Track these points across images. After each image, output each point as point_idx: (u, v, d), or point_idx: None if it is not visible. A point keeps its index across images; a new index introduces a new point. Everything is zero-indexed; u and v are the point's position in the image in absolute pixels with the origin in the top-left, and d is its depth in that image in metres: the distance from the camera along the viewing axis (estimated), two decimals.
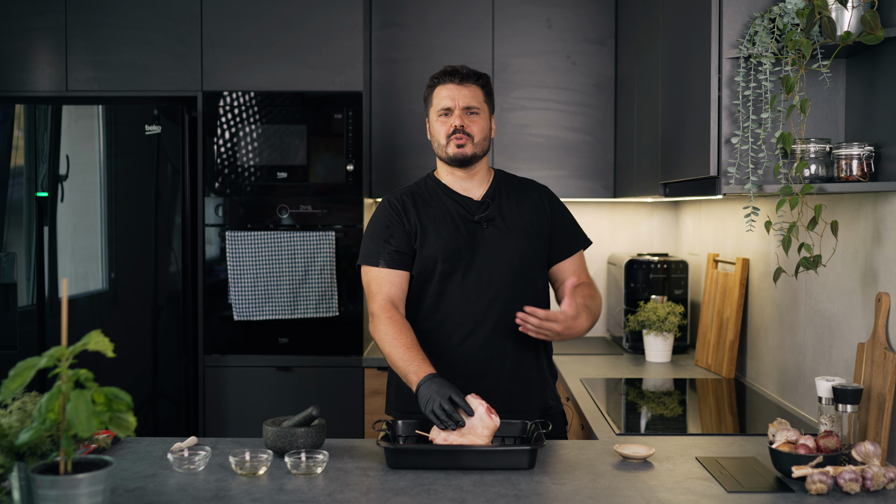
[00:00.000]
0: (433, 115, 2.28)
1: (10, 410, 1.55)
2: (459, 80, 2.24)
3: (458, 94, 2.23)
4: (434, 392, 1.94)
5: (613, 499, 1.71)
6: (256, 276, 3.45)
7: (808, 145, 2.07)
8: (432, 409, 1.93)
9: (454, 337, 2.22)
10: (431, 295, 2.24)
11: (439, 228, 2.24)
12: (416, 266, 2.25)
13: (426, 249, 2.23)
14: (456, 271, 2.22)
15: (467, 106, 2.23)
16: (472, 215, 2.26)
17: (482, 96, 2.27)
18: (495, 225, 2.26)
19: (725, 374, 3.06)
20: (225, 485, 1.79)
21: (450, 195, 2.29)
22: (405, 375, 2.06)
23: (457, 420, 1.91)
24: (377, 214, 2.30)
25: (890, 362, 1.93)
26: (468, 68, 2.27)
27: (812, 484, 1.72)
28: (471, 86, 2.25)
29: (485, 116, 2.27)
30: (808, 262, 2.05)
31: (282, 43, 3.52)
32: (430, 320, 2.24)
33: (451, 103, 2.23)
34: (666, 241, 4.14)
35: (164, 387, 3.44)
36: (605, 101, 3.83)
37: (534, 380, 2.26)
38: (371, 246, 2.26)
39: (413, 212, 2.26)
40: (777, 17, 2.05)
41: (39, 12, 3.52)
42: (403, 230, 2.24)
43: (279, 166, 3.51)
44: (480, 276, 2.22)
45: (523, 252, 2.26)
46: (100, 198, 3.42)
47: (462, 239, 2.23)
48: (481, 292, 2.22)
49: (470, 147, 2.23)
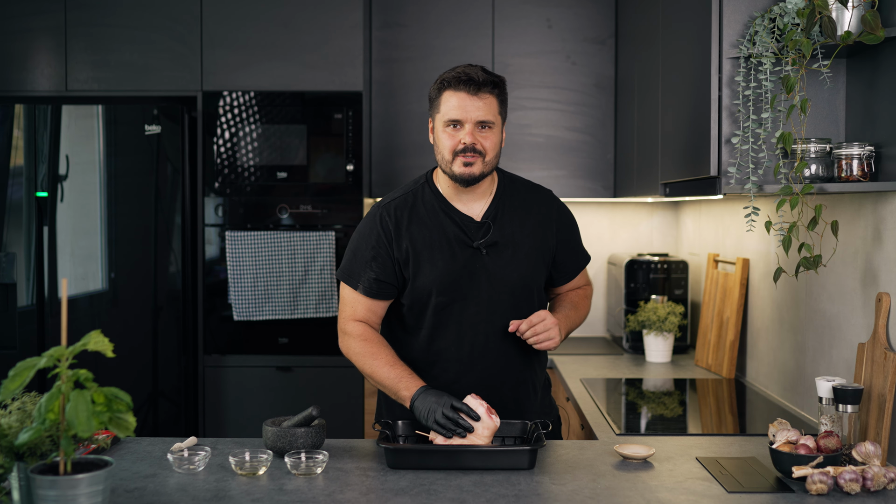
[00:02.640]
0: (439, 122, 2.03)
1: (10, 410, 1.55)
2: (475, 89, 1.98)
3: (470, 105, 1.98)
4: (433, 402, 1.90)
5: (613, 499, 1.71)
6: (256, 276, 3.45)
7: (809, 145, 2.07)
8: (435, 419, 1.89)
9: (450, 373, 2.09)
10: (426, 327, 2.08)
11: (434, 256, 2.05)
12: (409, 296, 2.08)
13: (420, 280, 2.05)
14: (453, 303, 2.06)
15: (481, 120, 1.99)
16: (472, 240, 2.06)
17: (497, 107, 2.02)
18: (496, 250, 2.07)
19: (725, 375, 3.06)
20: (225, 485, 1.79)
21: (448, 213, 2.08)
22: (395, 393, 2.00)
23: (465, 426, 1.88)
24: (366, 227, 2.10)
25: (890, 362, 1.93)
26: (484, 73, 2.00)
27: (812, 484, 1.72)
28: (486, 96, 1.99)
29: (497, 130, 2.03)
30: (809, 262, 2.05)
31: (282, 43, 3.52)
32: (424, 353, 2.10)
33: (462, 116, 1.99)
34: (666, 241, 4.14)
35: (163, 387, 3.44)
36: (605, 101, 3.83)
37: (529, 408, 2.17)
38: (353, 264, 2.09)
39: (406, 234, 2.06)
40: (777, 16, 2.04)
41: (39, 12, 3.52)
42: (390, 258, 2.06)
43: (279, 166, 3.50)
44: (479, 308, 2.06)
45: (524, 278, 2.09)
46: (100, 198, 3.42)
47: (459, 269, 2.05)
48: (479, 326, 2.07)
49: (479, 166, 2.00)
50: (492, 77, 2.02)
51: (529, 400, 2.17)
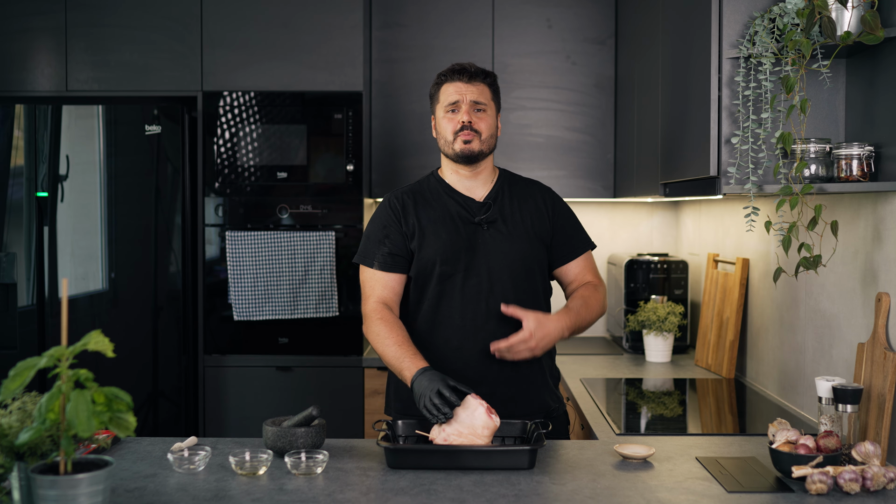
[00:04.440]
0: (440, 111, 2.26)
1: (10, 410, 1.55)
2: (468, 78, 2.24)
3: (465, 90, 2.23)
4: (425, 387, 1.96)
5: (613, 499, 1.71)
6: (256, 276, 3.45)
7: (808, 145, 2.07)
8: (424, 404, 1.95)
9: (452, 341, 2.21)
10: (430, 297, 2.23)
11: (438, 229, 2.23)
12: (415, 267, 2.24)
13: (424, 251, 2.22)
14: (455, 273, 2.21)
15: (475, 101, 2.23)
16: (473, 217, 2.25)
17: (489, 94, 2.27)
18: (496, 227, 2.24)
19: (725, 374, 3.06)
20: (225, 485, 1.79)
21: (451, 195, 2.28)
22: (399, 372, 2.09)
23: (444, 413, 1.92)
24: (377, 214, 2.30)
25: (890, 362, 1.93)
26: (476, 66, 2.27)
27: (812, 484, 1.72)
28: (479, 84, 2.24)
29: (492, 114, 2.27)
30: (808, 262, 2.05)
31: (282, 43, 3.52)
32: (429, 323, 2.24)
33: (459, 97, 2.22)
34: (666, 241, 4.14)
35: (164, 387, 3.44)
36: (605, 101, 3.83)
37: (533, 383, 2.25)
38: (367, 246, 2.27)
39: (412, 212, 2.26)
40: (777, 17, 2.04)
41: (39, 12, 3.52)
42: (400, 232, 2.24)
43: (279, 166, 3.51)
44: (480, 280, 2.21)
45: (524, 255, 2.25)
46: (100, 198, 3.42)
47: (462, 241, 2.22)
48: (480, 296, 2.21)
49: (477, 143, 2.22)
50: (483, 70, 2.28)
51: (533, 372, 2.25)
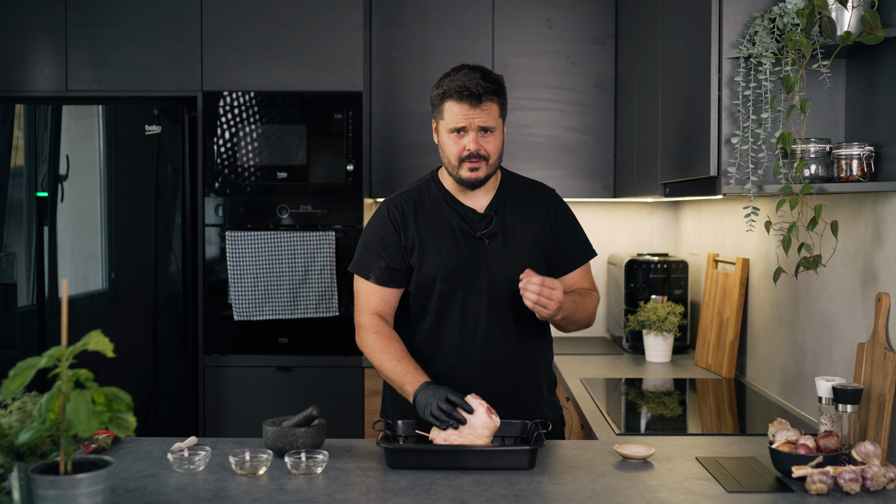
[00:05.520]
0: (444, 129, 2.11)
1: (10, 410, 1.55)
2: (476, 101, 2.05)
3: (473, 115, 2.06)
4: (430, 396, 1.94)
5: (613, 499, 1.71)
6: (256, 276, 3.45)
7: (808, 145, 2.07)
8: (431, 411, 1.92)
9: (451, 359, 2.16)
10: (430, 315, 2.17)
11: (439, 244, 2.15)
12: (414, 283, 2.17)
13: (425, 267, 2.15)
14: (456, 291, 2.14)
15: (483, 126, 2.08)
16: (475, 231, 2.16)
17: (497, 112, 2.10)
18: (498, 241, 2.16)
19: (725, 374, 3.06)
20: (225, 485, 1.79)
21: (452, 205, 2.19)
22: (400, 387, 2.05)
23: (458, 418, 1.90)
24: (375, 221, 2.21)
25: (890, 362, 1.93)
26: (484, 82, 2.06)
27: (812, 484, 1.72)
28: (487, 104, 2.07)
29: (499, 132, 2.12)
30: (808, 262, 2.05)
31: (282, 43, 3.52)
32: (428, 340, 2.18)
33: (466, 123, 2.07)
34: (666, 241, 4.14)
35: (164, 387, 3.44)
36: (605, 101, 3.83)
37: (532, 399, 2.21)
38: (364, 256, 2.20)
39: (412, 223, 2.17)
40: (777, 17, 2.04)
41: (39, 12, 3.52)
42: (399, 245, 2.16)
43: (279, 166, 3.51)
44: (480, 297, 2.15)
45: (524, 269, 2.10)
46: (100, 198, 3.42)
47: (462, 257, 2.14)
48: (480, 314, 2.15)
49: (484, 170, 2.11)
50: (491, 85, 2.08)
51: (531, 388, 2.21)
